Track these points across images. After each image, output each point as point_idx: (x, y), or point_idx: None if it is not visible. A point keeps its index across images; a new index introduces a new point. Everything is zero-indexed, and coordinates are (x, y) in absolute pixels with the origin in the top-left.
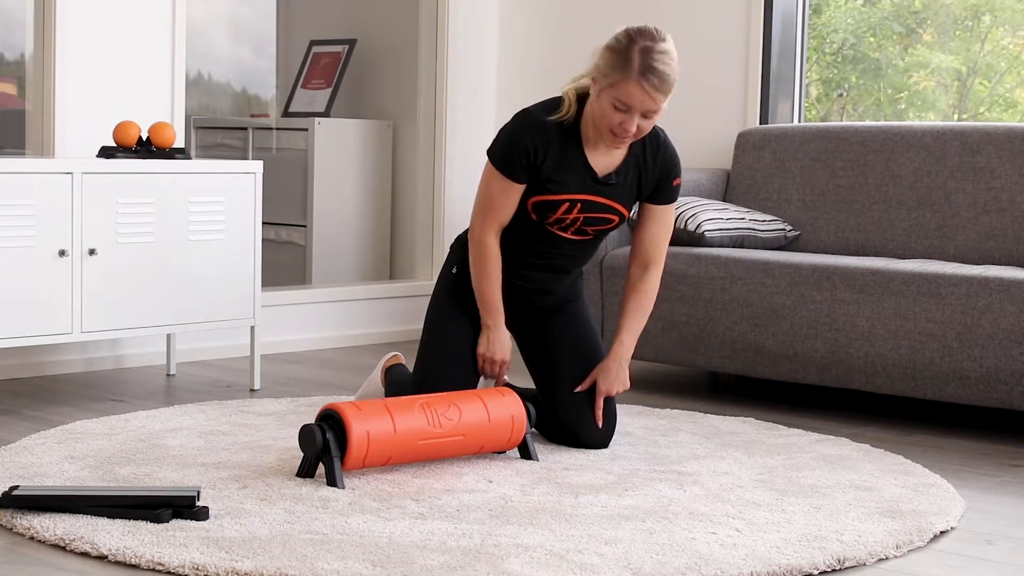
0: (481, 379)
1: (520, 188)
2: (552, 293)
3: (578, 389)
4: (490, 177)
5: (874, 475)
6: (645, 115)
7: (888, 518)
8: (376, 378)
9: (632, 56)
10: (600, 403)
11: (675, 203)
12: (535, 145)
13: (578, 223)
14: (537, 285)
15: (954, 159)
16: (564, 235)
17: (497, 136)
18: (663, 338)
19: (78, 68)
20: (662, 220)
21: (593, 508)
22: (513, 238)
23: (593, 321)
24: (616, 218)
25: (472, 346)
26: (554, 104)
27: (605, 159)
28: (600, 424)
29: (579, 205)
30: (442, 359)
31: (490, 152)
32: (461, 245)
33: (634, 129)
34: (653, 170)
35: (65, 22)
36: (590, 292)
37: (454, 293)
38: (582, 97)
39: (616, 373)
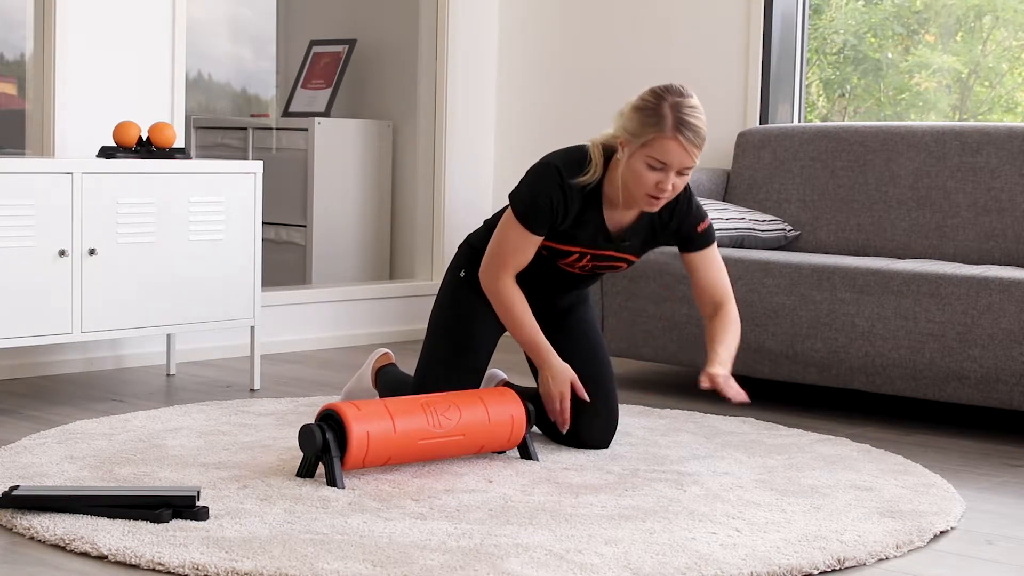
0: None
1: (538, 241)
2: (557, 305)
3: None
4: (511, 226)
5: (874, 475)
6: (680, 172)
7: (888, 518)
8: (367, 378)
9: (664, 112)
10: (728, 387)
11: (714, 244)
12: (557, 204)
13: (587, 268)
14: (544, 298)
15: (954, 159)
16: (572, 270)
17: (521, 185)
18: (663, 338)
19: (78, 68)
20: (710, 262)
21: (593, 508)
22: (525, 274)
23: (597, 323)
24: (625, 264)
25: (479, 353)
26: (580, 159)
27: (621, 218)
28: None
29: (588, 256)
30: (448, 367)
31: (513, 202)
32: (470, 247)
33: (670, 188)
34: (669, 223)
35: (65, 22)
36: (590, 291)
37: (461, 297)
38: (607, 153)
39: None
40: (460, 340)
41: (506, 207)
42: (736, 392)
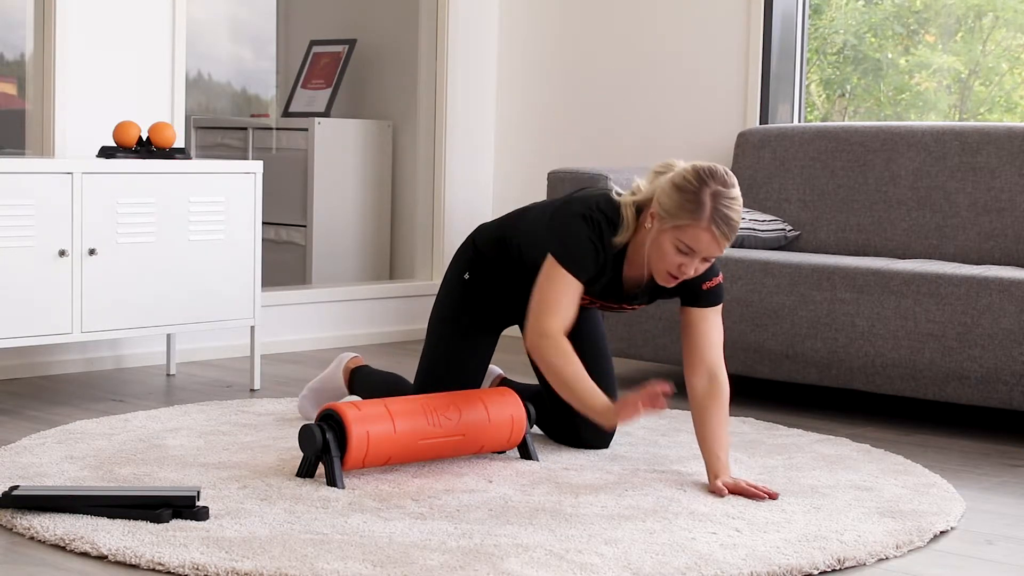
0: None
1: (581, 289)
2: None
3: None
4: (560, 278)
5: (874, 475)
6: (705, 259)
7: (888, 518)
8: (337, 378)
9: (704, 200)
10: (751, 491)
11: (719, 307)
12: (601, 255)
13: (594, 306)
14: None
15: (954, 159)
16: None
17: (557, 234)
18: (663, 338)
19: (78, 68)
20: (707, 321)
21: (593, 508)
22: (530, 285)
23: (600, 318)
24: (629, 310)
25: (480, 353)
26: (614, 219)
27: (638, 276)
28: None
29: (597, 303)
30: (449, 367)
31: (558, 256)
32: (476, 250)
33: (692, 272)
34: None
35: (65, 22)
36: None
37: (464, 300)
38: (638, 210)
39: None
40: (461, 341)
41: (524, 207)
42: (768, 490)
